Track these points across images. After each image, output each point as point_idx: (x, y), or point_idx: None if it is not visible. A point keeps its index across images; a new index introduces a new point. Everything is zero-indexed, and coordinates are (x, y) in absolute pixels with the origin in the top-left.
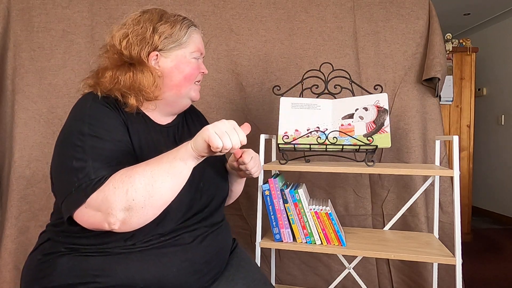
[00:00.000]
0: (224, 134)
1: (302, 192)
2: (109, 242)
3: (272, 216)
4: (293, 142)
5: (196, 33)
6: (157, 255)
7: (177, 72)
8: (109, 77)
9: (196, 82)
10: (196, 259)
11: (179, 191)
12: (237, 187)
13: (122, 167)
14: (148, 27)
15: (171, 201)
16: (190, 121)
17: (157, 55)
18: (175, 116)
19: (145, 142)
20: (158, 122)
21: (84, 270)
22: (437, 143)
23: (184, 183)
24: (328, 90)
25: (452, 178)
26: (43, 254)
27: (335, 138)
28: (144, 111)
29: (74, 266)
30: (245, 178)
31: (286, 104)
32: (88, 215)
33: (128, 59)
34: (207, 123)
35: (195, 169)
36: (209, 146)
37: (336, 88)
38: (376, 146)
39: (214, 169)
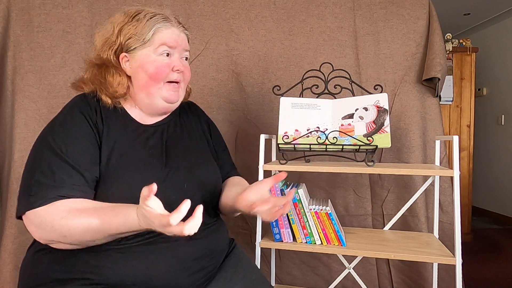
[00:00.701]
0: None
1: (302, 192)
2: None
3: None
4: (293, 142)
5: (166, 28)
6: (144, 252)
7: (142, 72)
8: (87, 74)
9: (172, 83)
10: (184, 256)
11: None
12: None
13: (64, 189)
14: (115, 29)
15: None
16: (185, 118)
17: (126, 56)
18: (164, 116)
19: (120, 146)
20: (143, 123)
21: (72, 266)
22: (437, 143)
23: None
24: (328, 90)
25: (452, 178)
26: (35, 251)
27: (335, 138)
28: (128, 112)
29: (63, 262)
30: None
31: (286, 104)
32: (26, 223)
33: (100, 61)
34: (207, 120)
35: (179, 171)
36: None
37: (336, 88)
38: (376, 146)
39: (204, 171)
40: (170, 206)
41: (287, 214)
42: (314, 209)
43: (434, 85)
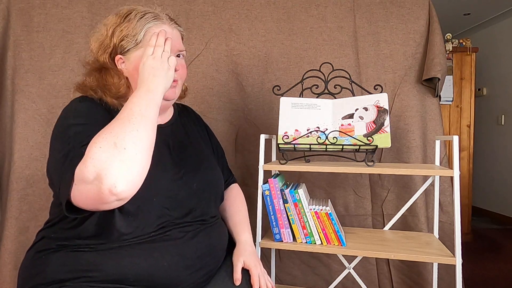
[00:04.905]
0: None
1: (302, 192)
2: (100, 238)
3: (272, 216)
4: (293, 142)
5: (156, 27)
6: (147, 250)
7: (137, 74)
8: (88, 79)
9: None
10: (187, 254)
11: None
12: None
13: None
14: (108, 31)
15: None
16: (184, 120)
17: (121, 57)
18: (169, 118)
19: None
20: None
21: (75, 266)
22: (437, 143)
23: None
24: (328, 90)
25: (452, 178)
26: (36, 252)
27: (335, 138)
28: None
29: (65, 262)
30: None
31: (286, 104)
32: (83, 191)
33: (98, 65)
34: (204, 125)
35: (190, 171)
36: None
37: (336, 88)
38: (376, 146)
39: (210, 171)
40: (181, 202)
41: (287, 214)
42: (314, 209)
43: (434, 85)
